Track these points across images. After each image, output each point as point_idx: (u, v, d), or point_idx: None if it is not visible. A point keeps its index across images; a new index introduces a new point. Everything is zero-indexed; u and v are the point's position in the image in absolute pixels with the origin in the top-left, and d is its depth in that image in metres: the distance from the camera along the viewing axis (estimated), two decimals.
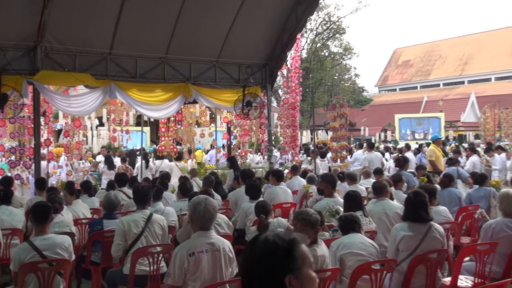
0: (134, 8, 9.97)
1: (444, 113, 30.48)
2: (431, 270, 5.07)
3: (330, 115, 15.39)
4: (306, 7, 11.78)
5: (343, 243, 4.91)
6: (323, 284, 4.44)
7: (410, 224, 5.17)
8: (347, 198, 6.36)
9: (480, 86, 45.00)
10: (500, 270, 5.57)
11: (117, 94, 10.53)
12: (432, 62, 54.81)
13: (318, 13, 43.76)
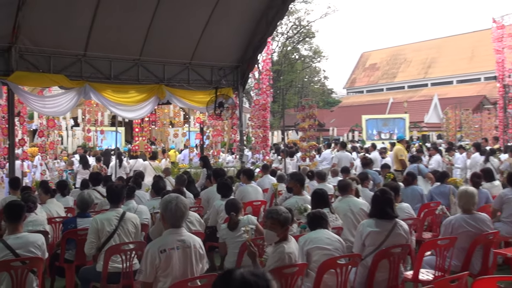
0: (108, 10, 9.87)
1: (408, 114, 30.82)
2: (394, 264, 5.14)
3: (300, 116, 15.47)
4: (276, 12, 11.84)
5: (310, 238, 4.95)
6: (291, 279, 4.47)
7: (376, 220, 5.22)
8: (314, 196, 6.40)
9: (442, 88, 45.74)
10: (459, 264, 5.67)
11: (91, 95, 10.43)
12: (398, 65, 55.48)
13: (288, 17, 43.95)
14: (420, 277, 5.49)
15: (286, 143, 18.75)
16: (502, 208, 7.42)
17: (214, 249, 7.22)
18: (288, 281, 4.45)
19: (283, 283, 4.42)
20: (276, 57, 43.82)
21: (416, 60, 53.80)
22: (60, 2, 9.36)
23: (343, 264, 4.75)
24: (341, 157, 14.20)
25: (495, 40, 18.37)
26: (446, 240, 5.54)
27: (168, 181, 10.43)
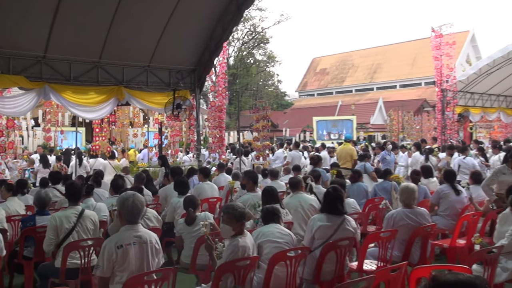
0: (68, 13, 9.62)
1: (356, 116, 31.38)
2: (341, 256, 5.21)
3: (255, 117, 15.53)
4: (232, 18, 11.85)
5: (262, 232, 4.97)
6: (244, 271, 4.48)
7: (327, 215, 5.29)
8: (264, 193, 6.42)
9: (387, 92, 46.64)
10: (400, 254, 5.81)
11: (51, 96, 10.19)
12: (346, 70, 56.24)
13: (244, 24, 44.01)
14: (364, 268, 5.60)
15: (241, 143, 18.78)
16: (439, 203, 7.66)
17: (171, 244, 7.17)
18: (241, 273, 4.46)
19: (236, 275, 4.43)
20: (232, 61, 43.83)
21: (363, 66, 54.67)
22: (20, 4, 9.07)
23: (293, 256, 4.79)
24: (294, 156, 14.33)
25: (434, 48, 18.86)
26: (388, 232, 5.67)
27: (128, 179, 10.30)
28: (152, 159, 15.50)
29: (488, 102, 21.54)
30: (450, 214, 7.50)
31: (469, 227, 6.69)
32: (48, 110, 15.18)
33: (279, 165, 14.63)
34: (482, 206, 7.26)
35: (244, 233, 4.64)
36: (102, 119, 14.74)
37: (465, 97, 20.14)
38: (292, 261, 4.79)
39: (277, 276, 4.74)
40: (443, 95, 18.78)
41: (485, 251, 4.71)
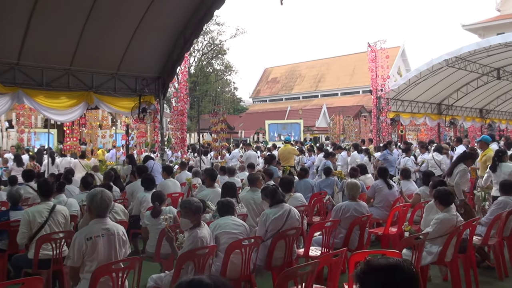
0: (41, 21, 9.29)
1: (303, 120, 31.73)
2: (289, 244, 5.27)
3: (213, 121, 15.51)
4: (192, 31, 11.78)
5: (219, 224, 4.97)
6: (203, 259, 4.46)
7: (275, 208, 5.34)
8: (224, 187, 6.45)
9: (330, 99, 47.44)
10: (341, 241, 5.93)
11: (24, 100, 9.84)
12: (294, 79, 56.78)
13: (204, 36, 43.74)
14: (310, 253, 5.68)
15: (201, 143, 18.67)
16: (375, 196, 7.86)
17: (137, 236, 7.07)
18: (201, 261, 4.44)
19: (196, 262, 4.41)
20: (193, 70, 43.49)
21: (309, 76, 55.35)
22: None
23: (247, 245, 4.81)
24: (249, 155, 14.38)
25: (370, 61, 19.27)
26: (330, 222, 5.77)
27: (97, 177, 10.09)
28: (119, 158, 15.20)
29: (416, 108, 22.22)
30: (383, 206, 7.72)
31: (400, 217, 6.89)
32: (22, 112, 14.64)
33: (235, 163, 14.65)
34: (411, 198, 7.49)
35: (201, 225, 4.62)
36: (73, 122, 14.39)
37: (396, 104, 20.71)
38: (246, 249, 4.81)
39: (233, 263, 4.76)
40: (378, 102, 19.23)
41: (413, 238, 4.87)
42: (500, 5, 36.65)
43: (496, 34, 23.40)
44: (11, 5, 8.81)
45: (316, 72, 54.80)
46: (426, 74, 19.46)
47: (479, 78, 21.62)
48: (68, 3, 9.42)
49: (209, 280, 1.66)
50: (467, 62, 19.22)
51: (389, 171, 9.70)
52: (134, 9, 10.44)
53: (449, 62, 18.58)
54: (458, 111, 24.71)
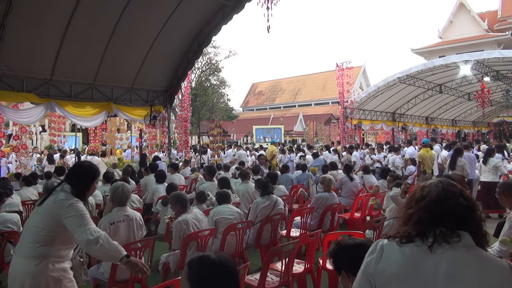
0: (71, 44, 9.23)
1: (283, 125, 31.81)
2: (275, 226, 5.32)
3: (211, 126, 15.49)
4: (194, 53, 11.78)
5: (217, 211, 5.00)
6: (205, 238, 4.49)
7: (264, 198, 5.38)
8: (220, 180, 6.47)
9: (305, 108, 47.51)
10: (316, 224, 6.00)
11: (56, 109, 9.75)
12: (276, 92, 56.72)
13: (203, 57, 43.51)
14: (291, 234, 5.73)
15: (201, 144, 18.63)
16: (342, 188, 7.95)
17: (149, 220, 7.06)
18: (203, 240, 4.46)
19: (199, 242, 4.43)
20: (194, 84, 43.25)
21: (288, 89, 55.37)
22: (32, 38, 8.61)
23: (240, 228, 4.85)
24: (240, 154, 14.41)
25: (338, 77, 19.44)
26: (307, 208, 5.83)
27: (116, 172, 10.02)
28: (134, 157, 15.09)
29: (375, 116, 22.39)
30: (349, 195, 7.81)
31: (363, 204, 6.98)
32: (53, 119, 14.47)
33: (228, 161, 14.66)
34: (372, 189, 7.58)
35: (187, 211, 4.57)
36: (96, 127, 14.24)
37: (359, 112, 20.86)
38: (240, 231, 4.84)
39: (229, 243, 4.79)
40: (345, 111, 19.38)
41: (374, 221, 4.95)
42: (442, 33, 37.21)
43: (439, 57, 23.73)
44: (47, 32, 8.75)
45: (294, 86, 54.83)
46: (383, 89, 19.66)
47: (425, 92, 21.90)
48: (92, 30, 9.36)
49: (214, 256, 1.69)
50: (415, 79, 19.45)
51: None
52: (147, 34, 10.43)
53: (401, 79, 18.79)
54: (409, 119, 24.99)
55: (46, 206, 2.77)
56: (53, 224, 2.71)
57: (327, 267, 4.25)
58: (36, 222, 2.73)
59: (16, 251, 2.78)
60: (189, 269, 1.66)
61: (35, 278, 2.64)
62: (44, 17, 8.42)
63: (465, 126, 32.04)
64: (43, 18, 8.42)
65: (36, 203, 2.81)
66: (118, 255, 2.80)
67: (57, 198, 2.78)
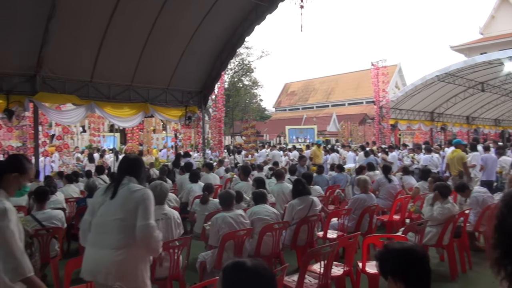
0: (109, 48, 9.52)
1: (316, 125, 31.47)
2: (311, 227, 5.23)
3: (244, 126, 15.53)
4: (228, 54, 11.86)
5: (254, 211, 4.96)
6: (241, 238, 4.47)
7: (300, 199, 5.29)
8: (255, 181, 6.44)
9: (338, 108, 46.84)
10: (353, 226, 5.85)
11: (96, 110, 10.04)
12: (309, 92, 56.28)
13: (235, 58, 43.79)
14: (328, 236, 5.62)
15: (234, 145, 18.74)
16: (379, 189, 7.72)
17: (185, 219, 7.13)
18: (240, 240, 4.45)
19: (236, 241, 4.42)
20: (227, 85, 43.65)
21: (321, 89, 54.79)
22: (73, 41, 8.93)
23: (277, 228, 4.80)
24: (274, 154, 14.36)
25: (373, 76, 19.02)
26: (345, 210, 5.70)
27: (153, 171, 10.21)
28: (169, 156, 15.36)
29: (412, 116, 21.78)
30: (387, 197, 7.57)
31: (402, 207, 6.76)
32: (93, 120, 15.00)
33: (262, 161, 14.64)
34: (411, 191, 7.33)
35: (229, 210, 4.58)
36: (133, 127, 14.59)
37: (395, 112, 20.34)
38: (276, 232, 4.79)
39: (265, 243, 4.75)
40: (380, 111, 18.94)
41: (415, 224, 4.76)
42: (483, 29, 35.64)
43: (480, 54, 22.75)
44: (87, 36, 9.06)
45: (327, 86, 54.20)
46: (421, 87, 19.08)
47: (465, 90, 21.07)
48: (130, 33, 9.60)
49: (250, 263, 1.60)
50: (455, 77, 18.74)
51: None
52: (182, 37, 10.59)
53: (440, 77, 18.16)
54: (448, 118, 24.10)
55: (121, 198, 2.91)
56: (130, 214, 2.87)
57: (366, 271, 4.12)
58: (114, 214, 2.87)
59: (93, 244, 2.88)
60: (223, 275, 1.61)
61: (121, 267, 2.80)
62: (84, 22, 8.73)
63: (509, 126, 30.55)
64: (83, 23, 8.73)
65: (104, 197, 2.94)
66: (160, 249, 3.02)
67: (133, 189, 2.93)
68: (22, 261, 2.39)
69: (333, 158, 13.78)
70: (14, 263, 2.36)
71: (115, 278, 2.79)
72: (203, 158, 13.07)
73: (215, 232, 4.38)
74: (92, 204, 3.07)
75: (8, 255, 2.35)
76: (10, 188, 2.54)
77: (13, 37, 8.06)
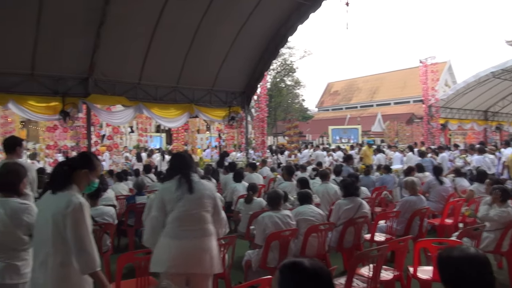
0: (155, 51, 9.83)
1: (361, 126, 30.78)
2: (358, 230, 5.09)
3: (287, 126, 15.48)
4: (270, 55, 11.91)
5: (299, 211, 4.90)
6: (286, 238, 4.43)
7: (348, 200, 5.18)
8: (299, 181, 6.36)
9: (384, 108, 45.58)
10: (402, 229, 5.63)
11: (143, 111, 10.38)
12: (352, 91, 55.23)
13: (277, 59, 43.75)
14: (375, 239, 5.45)
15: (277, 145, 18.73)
16: (429, 191, 7.39)
17: (229, 218, 7.18)
18: (285, 240, 4.40)
19: (280, 241, 4.38)
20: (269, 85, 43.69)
21: (365, 88, 53.63)
22: (122, 47, 9.29)
23: (323, 229, 4.71)
24: (317, 155, 14.19)
25: (422, 74, 18.33)
26: (393, 212, 5.50)
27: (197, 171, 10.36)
28: (213, 156, 15.61)
29: (464, 115, 20.75)
30: (438, 200, 7.24)
31: (455, 210, 6.43)
32: (140, 120, 15.52)
33: (304, 161, 14.51)
34: (465, 193, 6.96)
35: (276, 210, 4.54)
36: (178, 127, 14.95)
37: (445, 111, 19.46)
38: (322, 233, 4.71)
39: (311, 244, 4.67)
40: (429, 110, 18.21)
41: (471, 229, 4.50)
42: None
43: None
44: (135, 40, 9.41)
45: (371, 85, 52.93)
46: (473, 85, 18.12)
47: None
48: (175, 37, 9.86)
49: (308, 263, 1.57)
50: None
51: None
52: (225, 38, 10.73)
53: (495, 73, 17.15)
54: (504, 117, 22.71)
55: (200, 192, 3.22)
56: (211, 206, 3.27)
57: (418, 276, 3.95)
58: (200, 207, 3.20)
59: (179, 237, 3.11)
60: (280, 274, 1.58)
61: (216, 250, 3.32)
62: (132, 28, 9.07)
63: None
64: (131, 29, 9.07)
65: (178, 193, 3.15)
66: None
67: (205, 184, 3.33)
68: (94, 255, 2.53)
69: (379, 159, 13.37)
70: (87, 257, 2.49)
71: (218, 263, 3.22)
72: (246, 158, 13.13)
73: (261, 231, 4.37)
74: (160, 201, 3.17)
75: (82, 248, 2.48)
76: (81, 184, 2.69)
77: (69, 43, 8.51)
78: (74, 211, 2.49)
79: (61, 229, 2.49)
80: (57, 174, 2.68)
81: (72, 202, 2.50)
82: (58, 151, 10.97)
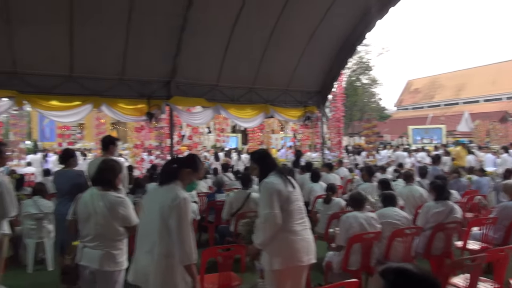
0: (232, 55, 10.04)
1: (445, 125, 28.75)
2: (449, 236, 4.71)
3: (365, 126, 14.96)
4: (347, 53, 11.57)
5: (382, 214, 4.66)
6: (369, 241, 4.23)
7: (438, 203, 4.82)
8: (380, 182, 6.08)
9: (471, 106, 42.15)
10: (500, 238, 5.10)
11: (221, 112, 10.65)
12: (435, 89, 51.96)
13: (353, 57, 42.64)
14: (468, 247, 5.00)
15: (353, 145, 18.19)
16: None
17: None
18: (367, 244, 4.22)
19: (363, 244, 4.20)
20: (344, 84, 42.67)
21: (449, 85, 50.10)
22: (201, 51, 9.62)
23: (408, 234, 4.43)
24: (398, 155, 13.52)
25: None
26: (490, 219, 5.01)
27: None
28: (288, 156, 15.61)
29: None
30: None
31: None
32: (217, 121, 16.02)
33: (383, 162, 13.88)
34: None
35: (360, 211, 4.40)
36: (253, 128, 15.15)
37: None
38: (408, 238, 4.43)
39: (395, 249, 4.42)
40: None
41: None
42: None
43: None
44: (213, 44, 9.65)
45: (457, 82, 49.28)
46: None
47: None
48: (251, 39, 9.98)
49: (415, 270, 1.45)
50: None
51: None
52: (300, 38, 10.63)
53: None
54: None
55: (297, 187, 3.43)
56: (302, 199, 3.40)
57: None
58: (301, 201, 3.37)
59: (298, 232, 3.22)
60: (384, 280, 1.47)
61: None
62: (211, 32, 9.38)
63: None
64: (210, 33, 9.38)
65: (288, 188, 3.26)
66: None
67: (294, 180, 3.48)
68: (193, 248, 2.74)
69: (470, 161, 12.33)
70: (186, 249, 2.70)
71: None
72: (322, 158, 12.92)
73: (345, 231, 4.23)
74: (278, 197, 3.12)
75: (183, 241, 2.70)
76: (184, 182, 2.98)
77: (153, 49, 9.05)
78: (180, 204, 2.74)
79: (167, 220, 2.72)
80: (166, 169, 3.02)
81: (178, 196, 2.77)
82: (144, 150, 11.73)
